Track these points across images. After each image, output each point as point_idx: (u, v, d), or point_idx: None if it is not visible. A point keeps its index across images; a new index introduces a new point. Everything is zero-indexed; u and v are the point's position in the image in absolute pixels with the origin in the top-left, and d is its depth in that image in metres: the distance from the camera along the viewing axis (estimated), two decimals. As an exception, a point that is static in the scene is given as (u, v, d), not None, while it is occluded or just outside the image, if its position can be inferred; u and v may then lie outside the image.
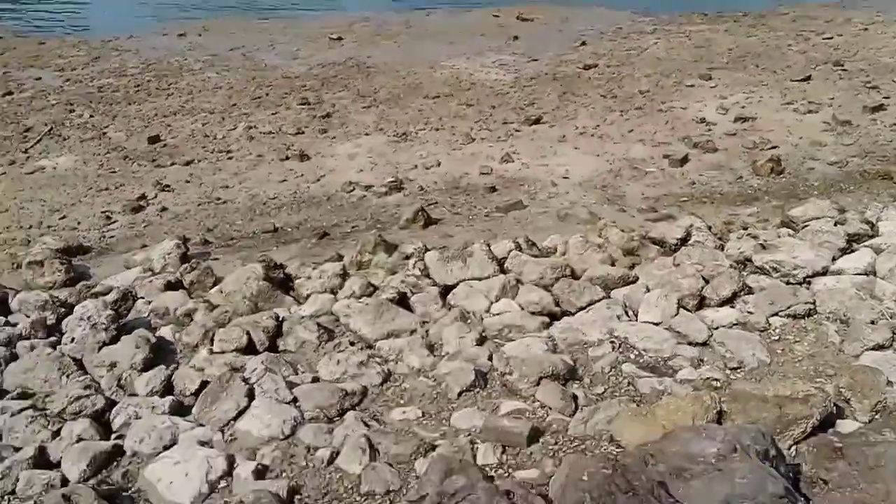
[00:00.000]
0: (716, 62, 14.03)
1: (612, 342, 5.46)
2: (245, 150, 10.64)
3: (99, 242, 8.13)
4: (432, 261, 6.44)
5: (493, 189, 9.17)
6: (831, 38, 15.35)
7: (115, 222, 8.59)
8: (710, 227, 7.40)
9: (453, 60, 14.73)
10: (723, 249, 6.85)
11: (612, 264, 6.60)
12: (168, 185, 9.49)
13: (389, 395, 5.03)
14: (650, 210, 8.42)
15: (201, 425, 4.62)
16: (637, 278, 6.35)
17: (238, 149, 10.69)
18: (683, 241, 7.06)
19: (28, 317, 5.81)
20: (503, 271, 6.47)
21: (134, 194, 9.22)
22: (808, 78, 12.71)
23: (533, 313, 5.77)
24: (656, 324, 5.65)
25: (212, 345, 5.47)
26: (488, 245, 6.94)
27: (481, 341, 5.52)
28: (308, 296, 6.28)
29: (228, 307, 5.98)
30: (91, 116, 12.11)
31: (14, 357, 5.27)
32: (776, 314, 5.73)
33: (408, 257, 6.73)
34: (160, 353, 5.55)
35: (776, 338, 5.52)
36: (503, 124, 11.32)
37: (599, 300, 5.96)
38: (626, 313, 5.85)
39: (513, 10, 18.40)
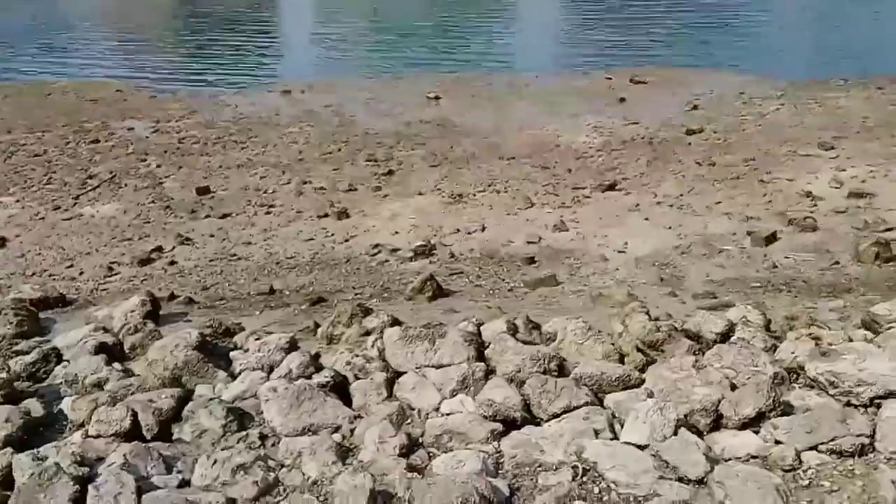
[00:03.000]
0: (844, 131, 12.16)
1: (574, 468, 4.10)
2: (288, 205, 9.99)
3: (88, 295, 7.58)
4: (391, 340, 5.31)
5: (532, 260, 7.96)
6: None
7: (116, 274, 8.06)
8: (767, 323, 5.86)
9: (545, 122, 13.65)
10: (774, 352, 5.31)
11: (620, 360, 5.23)
12: (190, 239, 8.92)
13: (256, 515, 3.91)
14: (708, 296, 6.91)
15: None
16: (642, 381, 4.95)
17: (281, 204, 10.05)
18: (724, 336, 5.57)
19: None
20: (482, 359, 5.25)
21: (151, 246, 8.70)
22: (954, 151, 10.70)
23: (486, 417, 4.50)
24: (641, 447, 4.24)
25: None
26: (478, 325, 5.75)
27: (408, 450, 4.32)
28: (239, 372, 5.31)
29: (148, 378, 5.10)
30: (158, 167, 11.92)
31: None
32: (814, 447, 4.18)
33: (367, 333, 5.64)
34: (39, 431, 4.73)
35: (805, 482, 3.97)
36: (573, 189, 10.09)
37: (580, 406, 4.62)
38: (611, 428, 4.47)
39: (628, 72, 17.14)
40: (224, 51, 23.28)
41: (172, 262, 8.29)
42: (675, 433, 4.30)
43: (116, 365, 5.48)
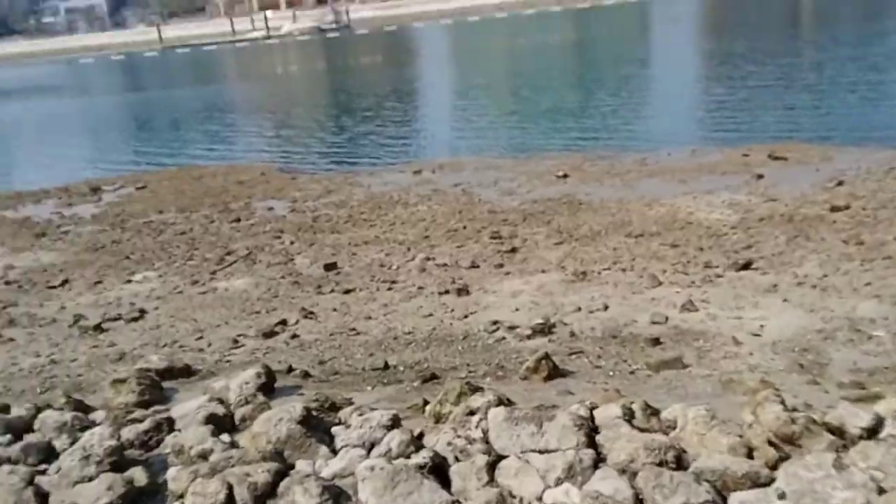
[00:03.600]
0: None
1: (689, 573, 3.68)
2: (410, 281, 10.02)
3: (212, 366, 7.76)
4: (496, 420, 5.06)
5: (657, 342, 7.53)
6: None
7: (240, 346, 8.24)
8: (925, 417, 5.20)
9: (676, 199, 13.20)
10: (929, 452, 4.67)
11: (749, 455, 4.75)
12: (313, 313, 9.06)
13: None
14: (854, 386, 6.26)
15: None
16: (773, 480, 4.45)
17: (404, 280, 10.10)
18: (871, 432, 4.97)
19: (45, 436, 5.37)
20: (593, 445, 4.91)
21: (276, 320, 8.89)
22: None
23: (593, 511, 4.16)
24: (768, 555, 3.77)
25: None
26: (591, 408, 5.42)
27: (506, 542, 4.03)
28: (341, 448, 5.20)
29: (249, 451, 5.07)
30: (291, 244, 12.33)
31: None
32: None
33: (472, 412, 5.41)
34: (142, 500, 4.76)
35: None
36: (704, 268, 9.59)
37: (699, 505, 4.19)
38: (734, 531, 4.02)
39: (766, 149, 16.44)
40: (365, 133, 24.20)
41: (294, 336, 8.40)
42: (808, 542, 3.80)
43: (224, 437, 5.50)
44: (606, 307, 8.56)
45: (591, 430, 5.09)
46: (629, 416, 5.28)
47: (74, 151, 26.50)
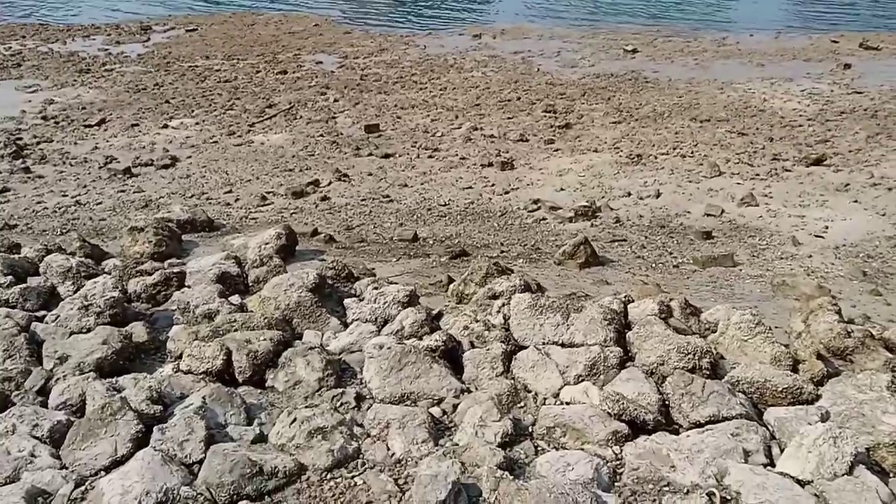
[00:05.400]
0: None
1: (709, 494, 3.30)
2: (453, 150, 9.47)
3: (238, 222, 7.46)
4: (519, 307, 4.64)
5: (709, 235, 6.96)
6: None
7: (268, 204, 7.90)
8: None
9: (751, 84, 12.21)
10: None
11: (793, 367, 4.28)
12: (347, 176, 8.63)
13: (324, 490, 3.42)
14: (922, 300, 5.67)
15: (64, 467, 3.44)
16: (817, 397, 3.99)
17: (447, 148, 9.56)
18: (936, 354, 4.44)
19: (48, 280, 5.14)
20: (621, 343, 4.48)
21: (308, 180, 8.49)
22: None
23: (611, 414, 3.76)
24: (802, 482, 3.36)
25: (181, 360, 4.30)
26: (625, 301, 4.97)
27: (511, 440, 3.69)
28: (351, 322, 4.87)
29: (254, 315, 4.77)
30: (335, 101, 11.79)
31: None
32: None
33: (495, 296, 5.00)
34: (140, 358, 4.52)
35: None
36: (772, 160, 8.84)
37: (731, 418, 3.76)
38: (766, 452, 3.60)
39: (858, 37, 15.06)
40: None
41: (325, 198, 8.02)
42: (851, 471, 3.37)
43: (234, 298, 5.21)
44: (659, 194, 7.96)
45: (621, 326, 4.66)
46: (666, 313, 4.83)
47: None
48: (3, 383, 3.98)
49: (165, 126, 10.49)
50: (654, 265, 6.40)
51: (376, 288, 5.13)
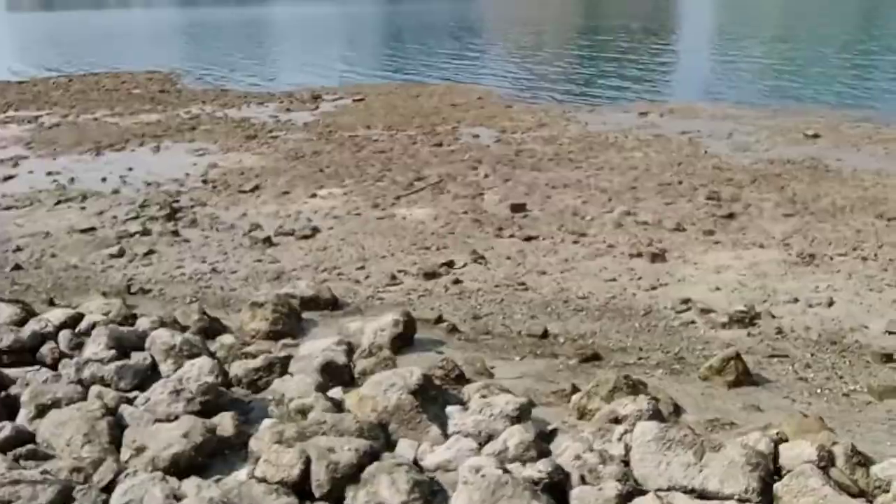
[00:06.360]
0: None
1: None
2: (601, 237, 8.86)
3: (363, 301, 7.18)
4: (643, 439, 3.95)
5: (890, 358, 5.93)
6: None
7: (398, 284, 7.59)
8: None
9: (952, 178, 10.82)
10: None
11: None
12: (483, 258, 8.21)
13: None
14: None
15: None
16: None
17: (594, 234, 8.95)
18: None
19: (148, 358, 4.98)
20: (765, 496, 3.69)
21: (443, 260, 8.15)
22: None
23: None
24: None
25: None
26: (776, 441, 4.16)
27: None
28: (451, 434, 4.35)
29: (346, 418, 4.36)
30: (485, 177, 11.51)
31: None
32: None
33: (617, 420, 4.32)
34: (224, 454, 4.20)
35: None
36: (976, 271, 7.60)
37: None
38: None
39: None
40: (600, 67, 22.71)
41: (457, 281, 7.62)
42: None
43: (337, 391, 4.84)
44: (832, 303, 6.96)
45: (768, 474, 3.86)
46: (827, 461, 3.97)
47: (315, 58, 27.24)
48: (72, 473, 3.77)
49: (314, 195, 10.57)
50: (818, 391, 5.47)
51: (484, 396, 4.60)
